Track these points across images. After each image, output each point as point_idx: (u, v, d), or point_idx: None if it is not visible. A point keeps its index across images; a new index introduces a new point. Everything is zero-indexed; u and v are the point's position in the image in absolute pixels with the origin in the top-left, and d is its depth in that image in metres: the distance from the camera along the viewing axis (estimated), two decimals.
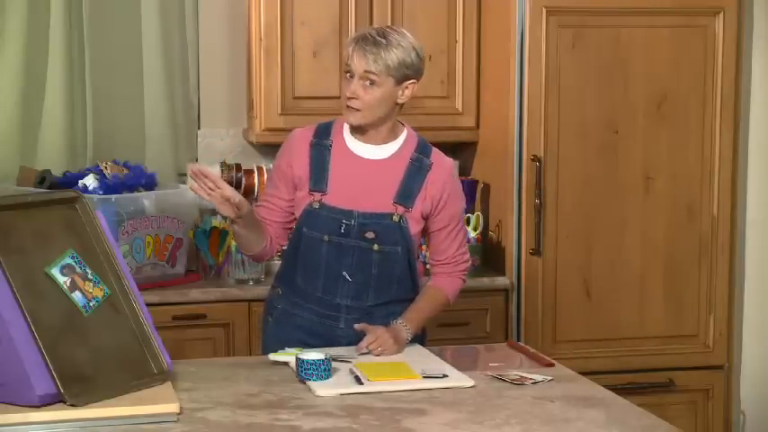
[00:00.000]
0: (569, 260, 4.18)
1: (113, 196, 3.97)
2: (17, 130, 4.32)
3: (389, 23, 4.23)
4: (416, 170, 3.08)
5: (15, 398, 2.42)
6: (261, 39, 4.21)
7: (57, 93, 4.30)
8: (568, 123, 4.14)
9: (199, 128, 4.54)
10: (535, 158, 4.11)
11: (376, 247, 3.05)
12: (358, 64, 2.98)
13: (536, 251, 4.14)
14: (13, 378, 2.41)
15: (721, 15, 4.21)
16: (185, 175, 4.42)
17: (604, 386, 2.80)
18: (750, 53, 4.41)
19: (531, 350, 3.15)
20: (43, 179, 4.09)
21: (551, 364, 2.97)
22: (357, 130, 3.07)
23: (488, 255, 4.35)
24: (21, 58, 4.27)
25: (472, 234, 4.24)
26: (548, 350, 3.92)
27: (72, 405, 2.42)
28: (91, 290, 2.62)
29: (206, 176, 2.87)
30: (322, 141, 3.10)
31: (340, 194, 3.05)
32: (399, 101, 3.04)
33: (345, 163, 3.07)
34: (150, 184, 4.16)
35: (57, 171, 4.20)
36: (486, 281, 4.19)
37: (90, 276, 2.62)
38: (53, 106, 4.30)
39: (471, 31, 4.36)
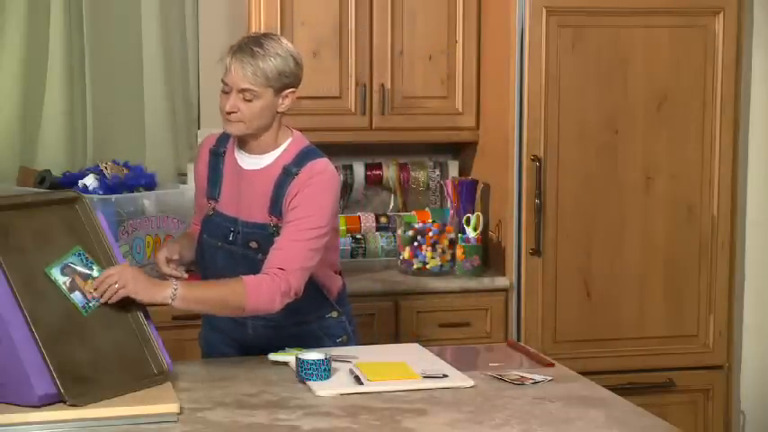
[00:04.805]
0: (569, 260, 4.18)
1: (113, 196, 3.98)
2: (17, 130, 4.32)
3: (389, 24, 4.24)
4: (283, 180, 2.97)
5: (15, 398, 2.42)
6: None
7: (57, 93, 4.30)
8: (568, 123, 4.14)
9: (199, 128, 4.53)
10: (535, 158, 4.11)
11: (260, 256, 2.95)
12: (236, 79, 2.89)
13: (536, 251, 4.13)
14: (13, 378, 2.41)
15: (721, 15, 4.21)
16: (185, 174, 4.42)
17: (604, 386, 2.80)
18: (750, 53, 4.40)
19: (531, 350, 3.15)
20: (43, 179, 4.09)
21: (551, 364, 2.97)
22: (240, 140, 3.02)
23: (488, 255, 4.34)
24: (21, 58, 4.28)
25: (472, 234, 4.24)
26: (548, 350, 3.92)
27: (72, 405, 2.42)
28: (91, 290, 2.62)
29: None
30: (218, 149, 3.09)
31: (227, 203, 3.04)
32: (279, 110, 2.96)
33: (232, 172, 3.05)
34: (150, 184, 4.16)
35: (57, 171, 4.20)
36: (486, 281, 4.18)
37: (95, 275, 2.63)
38: (53, 106, 4.30)
39: (471, 31, 4.36)
